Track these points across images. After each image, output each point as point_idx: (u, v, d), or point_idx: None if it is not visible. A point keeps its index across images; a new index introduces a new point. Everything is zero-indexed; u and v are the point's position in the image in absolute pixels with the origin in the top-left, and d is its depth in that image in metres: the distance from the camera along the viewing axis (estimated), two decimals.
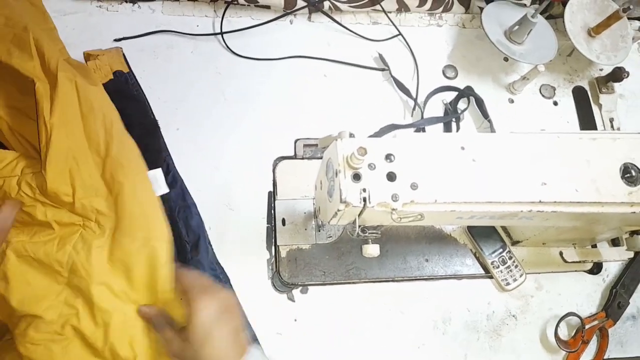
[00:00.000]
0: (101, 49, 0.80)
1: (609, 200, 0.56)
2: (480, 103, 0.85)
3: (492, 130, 0.83)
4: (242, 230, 0.74)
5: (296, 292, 0.72)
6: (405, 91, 0.85)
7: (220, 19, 0.86)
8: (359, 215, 0.54)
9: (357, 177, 0.52)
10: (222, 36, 0.85)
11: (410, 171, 0.54)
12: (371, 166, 0.53)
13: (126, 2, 0.85)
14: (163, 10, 0.86)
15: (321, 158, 0.60)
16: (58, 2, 0.83)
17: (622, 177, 0.57)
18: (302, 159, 0.80)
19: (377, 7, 0.89)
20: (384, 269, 0.75)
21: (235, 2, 0.85)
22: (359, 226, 0.56)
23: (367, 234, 0.61)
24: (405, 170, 0.54)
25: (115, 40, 0.82)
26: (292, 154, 0.80)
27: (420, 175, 0.54)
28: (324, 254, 0.74)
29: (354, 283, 0.74)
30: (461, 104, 0.86)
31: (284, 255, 0.74)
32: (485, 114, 0.84)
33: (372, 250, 0.61)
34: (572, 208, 0.56)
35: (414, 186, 0.53)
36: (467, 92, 0.86)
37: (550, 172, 0.56)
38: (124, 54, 0.80)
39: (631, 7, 0.81)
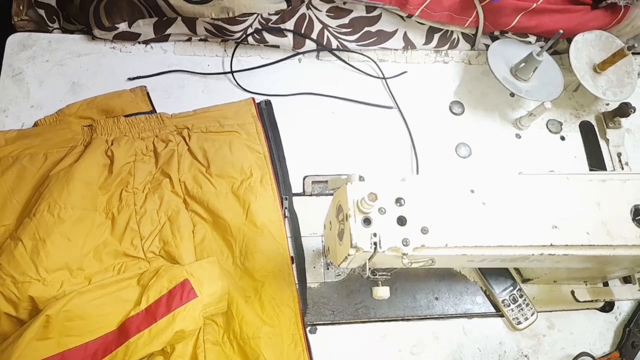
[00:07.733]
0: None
1: (620, 243, 0.56)
2: None
3: None
4: None
5: None
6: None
7: (230, 59, 0.87)
8: (370, 259, 0.54)
9: (367, 221, 0.52)
10: (233, 75, 0.86)
11: (421, 215, 0.54)
12: (381, 210, 0.53)
13: (139, 43, 0.87)
14: (175, 51, 0.88)
15: (330, 195, 0.60)
16: (72, 43, 0.86)
17: (633, 219, 0.57)
18: (311, 195, 0.80)
19: (384, 45, 0.91)
20: (394, 308, 0.74)
21: (245, 42, 0.87)
22: (369, 269, 0.56)
23: (377, 276, 0.61)
24: (415, 214, 0.54)
25: (129, 79, 0.84)
26: (300, 190, 0.80)
27: (430, 219, 0.54)
28: (332, 293, 0.74)
29: (363, 322, 0.73)
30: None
31: None
32: None
33: (382, 292, 0.61)
34: (583, 251, 0.56)
35: (424, 230, 0.53)
36: None
37: (560, 214, 0.56)
38: (147, 93, 0.82)
39: (636, 45, 0.82)
